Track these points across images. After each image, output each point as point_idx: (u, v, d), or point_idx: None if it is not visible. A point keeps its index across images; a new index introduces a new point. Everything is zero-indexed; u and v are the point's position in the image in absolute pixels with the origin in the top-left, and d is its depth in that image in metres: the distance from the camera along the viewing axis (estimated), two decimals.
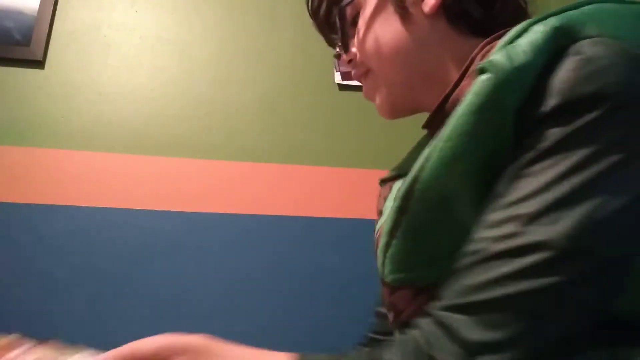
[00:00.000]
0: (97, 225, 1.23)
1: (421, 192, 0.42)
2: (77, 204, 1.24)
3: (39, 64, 1.33)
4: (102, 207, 1.24)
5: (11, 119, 1.28)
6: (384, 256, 0.47)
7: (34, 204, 1.22)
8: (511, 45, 0.39)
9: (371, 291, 1.28)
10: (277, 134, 1.40)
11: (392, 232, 0.46)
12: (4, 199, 1.21)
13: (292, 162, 1.38)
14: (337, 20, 0.60)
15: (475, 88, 0.39)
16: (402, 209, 0.44)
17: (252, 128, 1.39)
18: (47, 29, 1.35)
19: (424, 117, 0.66)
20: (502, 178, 0.38)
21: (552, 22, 0.39)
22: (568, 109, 0.36)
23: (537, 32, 0.39)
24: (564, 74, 0.37)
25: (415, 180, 0.43)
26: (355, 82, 1.47)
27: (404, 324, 0.46)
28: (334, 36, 0.65)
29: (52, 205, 1.23)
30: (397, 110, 0.60)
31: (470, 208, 0.41)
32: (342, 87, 1.47)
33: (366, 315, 1.26)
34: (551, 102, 0.37)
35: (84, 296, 1.16)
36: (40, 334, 1.14)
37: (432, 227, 0.43)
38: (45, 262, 1.18)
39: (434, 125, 0.53)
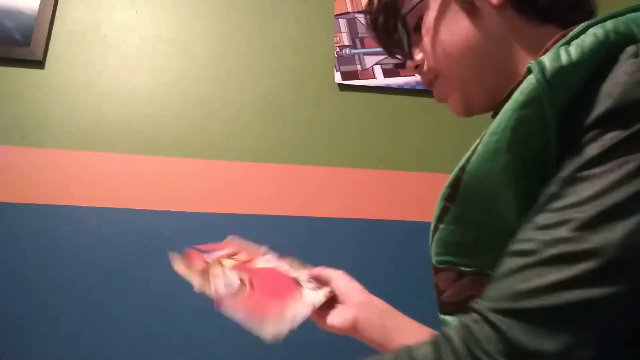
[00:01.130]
0: (97, 225, 1.23)
1: (466, 182, 0.45)
2: (77, 204, 1.24)
3: (39, 64, 1.33)
4: (102, 207, 1.24)
5: (11, 119, 1.28)
6: (432, 239, 0.50)
7: (34, 204, 1.22)
8: (564, 46, 0.39)
9: (373, 291, 1.28)
10: (278, 134, 1.40)
11: (439, 217, 0.49)
12: (4, 199, 1.21)
13: (293, 162, 1.37)
14: (400, 28, 0.59)
15: (522, 85, 0.40)
16: (449, 196, 0.47)
17: (252, 128, 1.39)
18: (47, 29, 1.35)
19: (424, 115, 0.66)
20: (555, 180, 0.38)
21: (608, 25, 0.39)
22: (623, 113, 0.35)
23: (589, 35, 0.38)
24: (619, 76, 0.36)
25: (462, 169, 0.45)
26: (355, 82, 1.47)
27: (444, 304, 0.49)
28: (394, 47, 0.66)
29: (52, 205, 1.23)
30: (473, 108, 0.59)
31: (512, 203, 0.41)
32: (342, 87, 1.47)
33: None
34: (604, 105, 0.36)
35: (84, 296, 1.16)
36: (39, 333, 1.15)
37: (474, 217, 0.45)
38: (45, 262, 1.17)
39: None
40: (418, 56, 0.60)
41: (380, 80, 1.48)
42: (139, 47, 1.41)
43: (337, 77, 1.47)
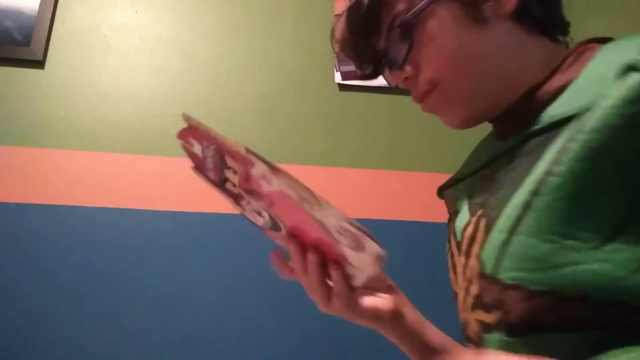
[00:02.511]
0: (97, 225, 1.23)
1: (555, 185, 0.42)
2: (77, 204, 1.24)
3: (39, 64, 1.33)
4: (102, 207, 1.24)
5: (11, 119, 1.28)
6: (500, 252, 0.46)
7: (34, 204, 1.22)
8: None
9: None
10: (278, 134, 1.40)
11: (513, 229, 0.45)
12: (4, 199, 1.21)
13: (292, 162, 1.37)
14: (398, 35, 0.55)
15: (626, 82, 0.39)
16: (528, 205, 0.44)
17: (252, 128, 1.39)
18: (47, 29, 1.35)
19: (424, 115, 0.66)
20: None
21: None
22: None
23: None
24: None
25: (548, 173, 0.42)
26: (355, 82, 1.47)
27: (512, 326, 0.45)
28: (368, 55, 0.60)
29: (52, 205, 1.23)
30: (471, 121, 0.57)
31: (612, 205, 0.40)
32: (342, 87, 1.47)
33: None
34: None
35: (84, 296, 1.16)
36: (40, 333, 1.14)
37: (557, 227, 0.42)
38: (45, 262, 1.17)
39: (514, 120, 0.53)
40: (408, 68, 0.56)
41: (380, 80, 1.47)
42: (139, 47, 1.41)
43: (337, 77, 1.47)
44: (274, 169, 0.43)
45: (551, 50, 0.53)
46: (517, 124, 0.53)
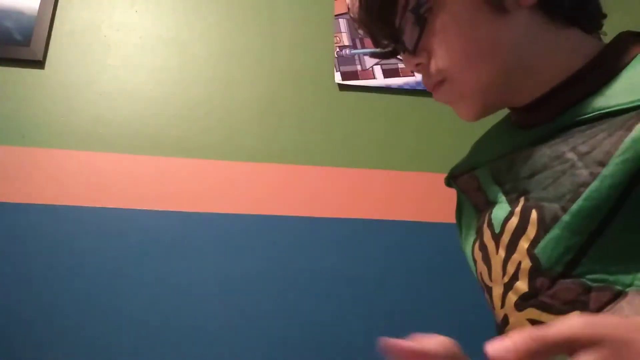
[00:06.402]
0: (97, 225, 1.23)
1: None
2: (77, 204, 1.24)
3: (39, 64, 1.33)
4: (102, 207, 1.24)
5: (11, 119, 1.28)
6: (574, 252, 0.43)
7: (34, 204, 1.22)
8: None
9: (371, 291, 1.28)
10: (277, 134, 1.40)
11: (596, 230, 0.42)
12: (4, 199, 1.21)
13: (292, 162, 1.37)
14: (412, 19, 0.51)
15: None
16: (614, 207, 0.41)
17: (252, 128, 1.39)
18: (47, 29, 1.35)
19: (424, 115, 0.65)
20: None
21: None
22: None
23: None
24: None
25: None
26: (355, 82, 1.47)
27: None
28: (381, 35, 0.55)
29: (52, 205, 1.23)
30: (485, 114, 0.54)
31: None
32: (342, 87, 1.47)
33: (366, 315, 1.26)
34: None
35: (84, 296, 1.16)
36: (40, 334, 1.14)
37: None
38: (46, 262, 1.18)
39: (546, 110, 0.51)
40: (421, 54, 0.52)
41: (380, 80, 1.48)
42: (139, 47, 1.41)
43: (337, 77, 1.47)
44: None
45: (583, 42, 0.51)
46: (549, 113, 0.50)
